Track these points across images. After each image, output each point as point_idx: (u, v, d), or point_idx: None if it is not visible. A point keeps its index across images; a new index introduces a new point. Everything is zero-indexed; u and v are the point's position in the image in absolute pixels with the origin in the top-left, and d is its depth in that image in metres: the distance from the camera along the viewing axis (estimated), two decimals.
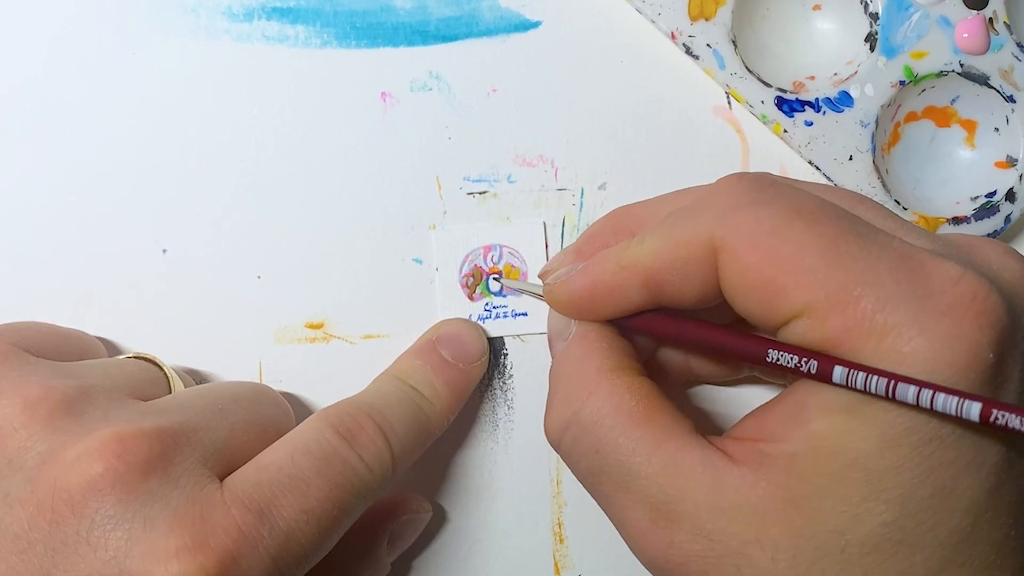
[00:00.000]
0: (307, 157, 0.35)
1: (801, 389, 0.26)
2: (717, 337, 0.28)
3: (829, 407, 0.25)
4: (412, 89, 0.35)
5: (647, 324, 0.29)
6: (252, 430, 0.29)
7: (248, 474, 0.27)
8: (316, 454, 0.28)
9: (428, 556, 0.35)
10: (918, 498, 0.24)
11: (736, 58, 0.35)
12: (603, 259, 0.29)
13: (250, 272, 0.35)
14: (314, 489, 0.27)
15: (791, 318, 0.25)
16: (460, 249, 0.35)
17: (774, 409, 0.26)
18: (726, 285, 0.26)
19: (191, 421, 0.28)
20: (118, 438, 0.26)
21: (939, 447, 0.24)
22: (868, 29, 0.35)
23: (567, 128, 0.35)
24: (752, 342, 0.26)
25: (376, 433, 0.30)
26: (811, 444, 0.25)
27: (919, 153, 0.36)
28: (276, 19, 0.35)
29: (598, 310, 0.29)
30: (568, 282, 0.29)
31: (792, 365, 0.25)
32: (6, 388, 0.27)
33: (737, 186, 0.27)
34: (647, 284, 0.28)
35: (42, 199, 0.34)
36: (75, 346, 0.32)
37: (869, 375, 0.23)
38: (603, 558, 0.35)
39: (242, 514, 0.26)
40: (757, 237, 0.25)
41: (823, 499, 0.24)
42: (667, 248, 0.27)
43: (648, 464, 0.26)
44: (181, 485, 0.26)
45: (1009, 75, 0.35)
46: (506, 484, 0.35)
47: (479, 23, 0.35)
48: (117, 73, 0.34)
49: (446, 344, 0.34)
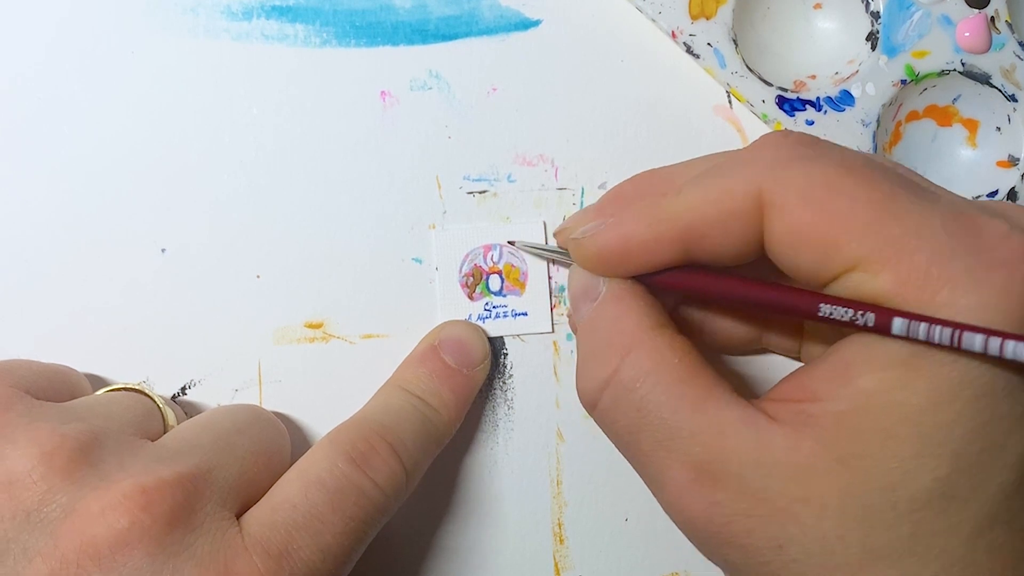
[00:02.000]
0: (306, 156, 0.35)
1: (846, 348, 0.25)
2: (763, 292, 0.27)
3: (879, 363, 0.24)
4: (412, 88, 0.35)
5: (683, 281, 0.28)
6: (259, 460, 0.30)
7: (264, 515, 0.28)
8: (330, 487, 0.28)
9: (428, 556, 0.35)
10: (970, 453, 0.24)
11: (737, 57, 0.34)
12: (638, 212, 0.28)
13: (249, 272, 0.35)
14: (329, 526, 0.28)
15: (842, 272, 0.25)
16: (460, 248, 0.35)
17: (816, 370, 0.26)
18: (774, 241, 0.26)
19: (204, 462, 0.28)
20: (142, 491, 0.26)
21: (992, 401, 0.24)
22: (869, 28, 0.35)
23: (567, 127, 0.35)
24: (803, 296, 0.26)
25: (389, 454, 0.30)
26: (860, 401, 0.24)
27: (920, 152, 0.36)
28: (275, 18, 0.35)
29: (629, 265, 0.28)
30: (598, 235, 0.28)
31: (847, 319, 0.25)
32: (19, 438, 0.27)
33: (784, 141, 0.27)
34: (684, 238, 0.27)
35: (40, 198, 0.34)
36: (64, 383, 0.32)
37: (932, 325, 0.23)
38: (603, 558, 0.35)
39: (263, 560, 0.26)
40: (809, 192, 0.25)
41: (873, 456, 0.24)
42: (709, 201, 0.26)
43: (692, 421, 0.26)
44: (204, 532, 0.27)
45: (1011, 74, 0.35)
46: (506, 484, 0.35)
47: (479, 22, 0.35)
48: (116, 72, 0.34)
49: (448, 349, 0.33)
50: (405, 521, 0.35)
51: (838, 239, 0.25)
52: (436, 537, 0.35)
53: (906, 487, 0.24)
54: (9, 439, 0.27)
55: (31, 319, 0.34)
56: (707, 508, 0.25)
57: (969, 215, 0.25)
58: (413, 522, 0.35)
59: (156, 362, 0.34)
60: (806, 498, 0.24)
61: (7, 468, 0.27)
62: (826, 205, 0.25)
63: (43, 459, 0.27)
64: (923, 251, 0.24)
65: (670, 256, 0.27)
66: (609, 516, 0.35)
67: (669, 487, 0.26)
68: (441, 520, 0.35)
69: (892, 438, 0.24)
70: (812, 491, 0.24)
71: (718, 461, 0.25)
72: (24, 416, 0.28)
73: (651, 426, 0.26)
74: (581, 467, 0.35)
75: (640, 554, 0.35)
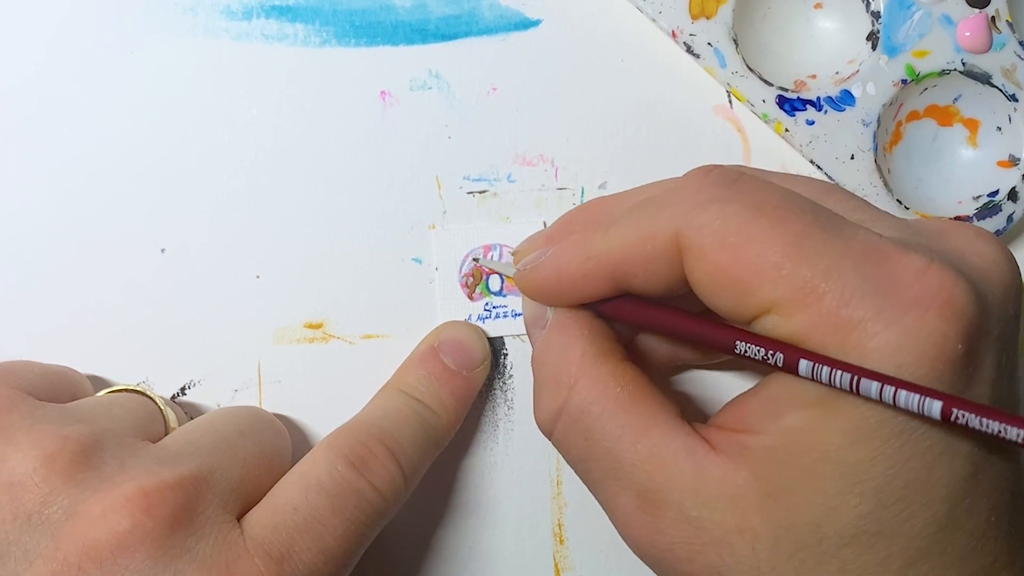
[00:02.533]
0: (306, 156, 0.35)
1: (774, 382, 0.26)
2: (687, 325, 0.28)
3: (800, 401, 0.25)
4: (412, 88, 0.35)
5: (618, 310, 0.29)
6: (260, 463, 0.30)
7: (265, 517, 0.28)
8: (330, 490, 0.28)
9: (428, 557, 0.35)
10: (892, 489, 0.24)
11: (737, 57, 0.34)
12: (569, 248, 0.29)
13: (249, 272, 0.34)
14: (330, 528, 0.28)
15: (760, 314, 0.25)
16: (460, 249, 0.35)
17: (751, 401, 0.27)
18: (694, 281, 0.26)
19: (206, 464, 0.28)
20: (143, 493, 0.26)
21: (910, 439, 0.24)
22: (870, 28, 0.35)
23: (567, 127, 0.35)
24: (721, 332, 0.27)
25: (387, 458, 0.30)
26: (786, 438, 0.25)
27: (921, 152, 0.36)
28: (275, 17, 0.34)
29: (565, 297, 0.29)
30: (536, 269, 0.29)
31: (759, 357, 0.25)
32: (21, 440, 0.27)
33: (704, 181, 0.27)
34: (613, 275, 0.28)
35: (40, 198, 0.34)
36: (66, 385, 0.32)
37: (834, 369, 0.23)
38: (604, 559, 0.35)
39: (265, 563, 0.27)
40: (722, 235, 0.25)
41: (799, 492, 0.24)
42: (632, 241, 0.27)
43: (634, 451, 0.26)
44: (205, 535, 0.27)
45: (1011, 74, 0.34)
46: (506, 485, 0.35)
47: (479, 22, 0.35)
48: (115, 72, 0.34)
49: (448, 351, 0.33)
50: (405, 522, 0.35)
51: (751, 283, 0.25)
52: (436, 538, 0.35)
53: (831, 524, 0.24)
54: (11, 441, 0.27)
55: (31, 319, 0.34)
56: (650, 535, 0.26)
57: (884, 252, 0.24)
58: (413, 523, 0.35)
59: (156, 362, 0.34)
60: (740, 529, 0.25)
61: (9, 470, 0.27)
62: (738, 249, 0.25)
63: (45, 461, 0.27)
64: (833, 293, 0.24)
65: (603, 289, 0.28)
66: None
67: (617, 514, 0.27)
68: (441, 520, 0.35)
69: (815, 475, 0.24)
70: (745, 523, 0.25)
71: (660, 490, 0.26)
72: (26, 418, 0.28)
73: (598, 455, 0.27)
74: None
75: None
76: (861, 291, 0.24)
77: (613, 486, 0.27)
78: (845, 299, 0.24)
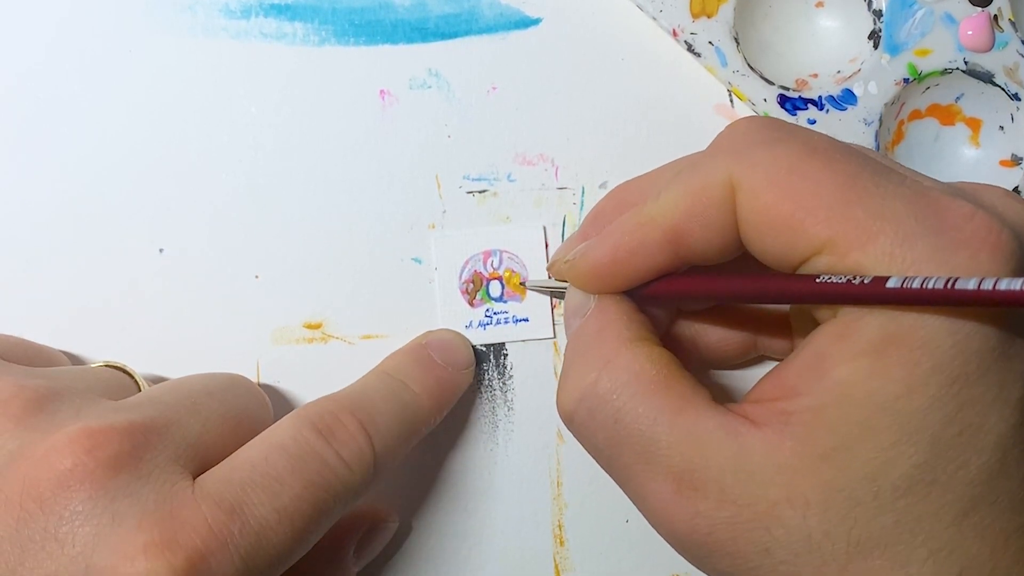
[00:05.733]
0: (305, 156, 0.34)
1: (818, 339, 0.25)
2: (753, 283, 0.27)
3: (851, 352, 0.24)
4: (411, 87, 0.35)
5: (673, 286, 0.28)
6: (226, 424, 0.29)
7: (221, 472, 0.27)
8: (292, 452, 0.28)
9: (427, 557, 0.35)
10: (947, 437, 0.24)
11: (738, 56, 0.34)
12: (622, 223, 0.28)
13: (248, 272, 0.34)
14: (288, 488, 0.27)
15: (811, 255, 0.25)
16: (459, 255, 0.35)
17: (792, 365, 0.26)
18: (744, 225, 0.26)
19: (163, 416, 0.28)
20: (88, 433, 0.26)
21: (966, 384, 0.24)
22: (872, 26, 0.35)
23: (567, 126, 0.35)
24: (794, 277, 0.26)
25: (357, 429, 0.29)
26: (836, 393, 0.24)
27: (923, 151, 0.36)
28: (274, 16, 0.34)
29: (622, 276, 0.28)
30: (588, 253, 0.29)
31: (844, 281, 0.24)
32: None
33: (750, 127, 0.27)
34: (669, 238, 0.27)
35: (37, 198, 0.34)
36: (44, 357, 0.32)
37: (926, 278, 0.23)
38: (604, 560, 0.35)
39: (212, 512, 0.26)
40: (775, 174, 0.25)
41: (853, 448, 0.24)
42: (686, 196, 0.27)
43: (670, 432, 0.26)
44: (152, 482, 0.26)
45: (1014, 73, 0.34)
46: (506, 485, 0.35)
47: (479, 20, 0.35)
48: (114, 71, 0.34)
49: (435, 348, 0.33)
50: (404, 521, 0.35)
51: (803, 222, 0.25)
52: (436, 538, 0.35)
53: (887, 476, 0.24)
54: None
55: (29, 319, 0.34)
56: (690, 519, 0.25)
57: (933, 196, 0.25)
58: (412, 523, 0.35)
59: (154, 362, 0.34)
60: (789, 499, 0.24)
61: None
62: (791, 187, 0.25)
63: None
64: (887, 233, 0.24)
65: (659, 260, 0.28)
66: (610, 517, 0.35)
67: (651, 500, 0.26)
68: (440, 521, 0.35)
69: (870, 428, 0.24)
70: (794, 491, 0.24)
71: (698, 471, 0.25)
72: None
73: (630, 438, 0.26)
74: (581, 468, 0.35)
75: (641, 556, 0.35)
76: (914, 231, 0.24)
77: (645, 471, 0.26)
78: (899, 239, 0.24)
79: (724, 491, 0.25)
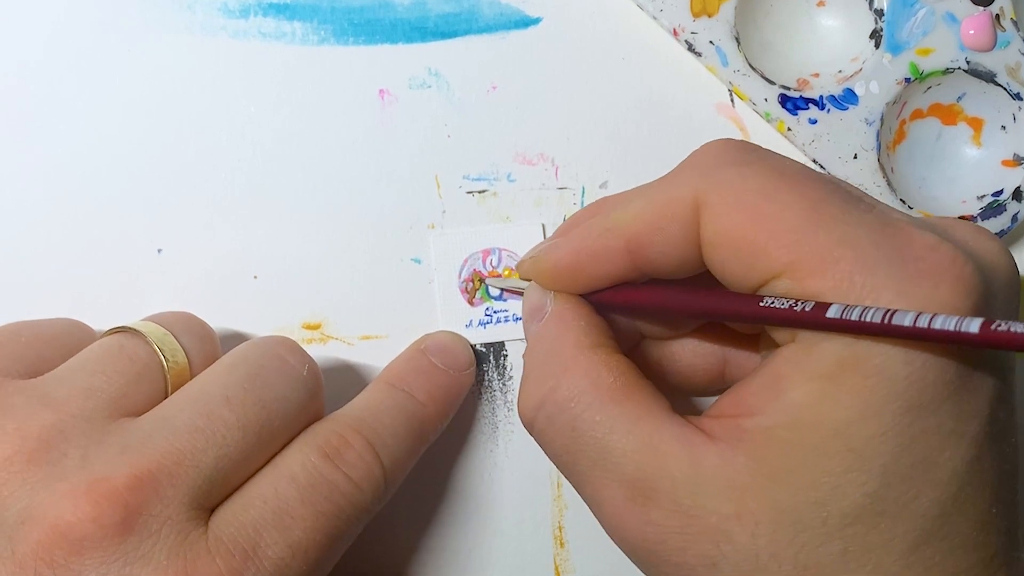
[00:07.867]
0: (304, 155, 0.34)
1: (778, 361, 0.25)
2: (706, 299, 0.27)
3: (807, 375, 0.24)
4: (411, 87, 0.35)
5: (629, 295, 0.29)
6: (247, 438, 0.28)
7: (234, 513, 0.27)
8: (301, 481, 0.28)
9: (427, 559, 0.35)
10: (900, 467, 0.24)
11: (739, 55, 0.34)
12: (587, 226, 0.28)
13: (246, 272, 0.34)
14: (299, 520, 0.27)
15: (771, 278, 0.25)
16: (458, 254, 0.35)
17: (751, 384, 0.26)
18: (706, 244, 0.26)
19: (173, 451, 0.27)
20: (94, 498, 0.26)
21: (920, 415, 0.23)
22: (873, 25, 0.35)
23: (568, 126, 0.35)
24: (741, 297, 0.26)
25: (364, 448, 0.29)
26: (790, 415, 0.24)
27: (925, 151, 0.36)
28: (273, 15, 0.34)
29: (582, 278, 0.29)
30: (552, 249, 0.29)
31: (787, 307, 0.24)
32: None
33: (722, 148, 0.27)
34: (631, 248, 0.27)
35: (35, 198, 0.34)
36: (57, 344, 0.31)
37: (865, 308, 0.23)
38: (604, 562, 0.35)
39: (227, 561, 0.26)
40: (741, 195, 0.25)
41: (803, 471, 0.24)
42: (649, 208, 0.27)
43: (625, 441, 0.26)
44: (163, 538, 0.26)
45: (1016, 72, 0.34)
46: (506, 487, 0.35)
47: (478, 20, 0.35)
48: (112, 70, 0.34)
49: (434, 352, 0.33)
50: (404, 524, 0.35)
51: (766, 244, 0.25)
52: (436, 540, 0.35)
53: (836, 502, 0.24)
54: None
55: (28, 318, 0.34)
56: (641, 527, 0.26)
57: (899, 226, 0.25)
58: (412, 525, 0.35)
59: None
60: (738, 515, 0.24)
61: None
62: (756, 209, 0.25)
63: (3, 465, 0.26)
64: (848, 260, 0.24)
65: (619, 267, 0.28)
66: None
67: (605, 506, 0.26)
68: (440, 523, 0.35)
69: (822, 453, 0.24)
70: (744, 508, 0.24)
71: (652, 479, 0.25)
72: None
73: (586, 446, 0.26)
74: None
75: None
76: (875, 260, 0.24)
77: (600, 477, 0.26)
78: (860, 266, 0.24)
79: (676, 501, 0.25)
